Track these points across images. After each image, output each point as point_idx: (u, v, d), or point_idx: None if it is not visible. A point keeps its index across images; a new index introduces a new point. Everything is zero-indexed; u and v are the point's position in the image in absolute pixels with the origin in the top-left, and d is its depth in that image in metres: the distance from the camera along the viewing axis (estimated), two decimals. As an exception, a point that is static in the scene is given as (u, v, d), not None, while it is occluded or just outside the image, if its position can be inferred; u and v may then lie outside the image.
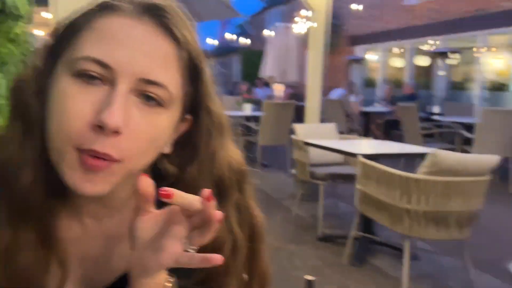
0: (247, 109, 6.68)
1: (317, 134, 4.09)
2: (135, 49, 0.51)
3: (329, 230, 3.66)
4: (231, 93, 11.13)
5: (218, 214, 0.49)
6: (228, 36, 17.63)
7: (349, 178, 3.48)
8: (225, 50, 18.90)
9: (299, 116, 5.97)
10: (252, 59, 15.66)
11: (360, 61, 11.69)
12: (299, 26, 9.75)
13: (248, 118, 6.69)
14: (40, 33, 2.99)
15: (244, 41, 16.58)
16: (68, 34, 0.54)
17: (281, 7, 16.42)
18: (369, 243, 3.33)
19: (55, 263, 0.56)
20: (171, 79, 0.54)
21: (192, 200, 0.50)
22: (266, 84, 11.36)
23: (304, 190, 4.27)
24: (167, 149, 0.59)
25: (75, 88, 0.50)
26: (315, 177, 3.68)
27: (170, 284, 0.53)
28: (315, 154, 3.88)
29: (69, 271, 0.58)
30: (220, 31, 17.33)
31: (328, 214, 4.02)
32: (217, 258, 0.49)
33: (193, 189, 0.51)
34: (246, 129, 6.46)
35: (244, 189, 0.65)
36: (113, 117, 0.48)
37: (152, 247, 0.50)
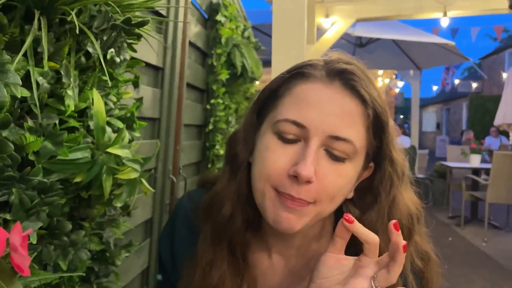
0: (475, 161, 5.97)
1: None
2: (325, 110, 0.59)
3: None
4: (458, 142, 10.18)
5: (402, 242, 0.53)
6: (454, 81, 16.38)
7: None
8: (450, 96, 17.52)
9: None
10: (483, 105, 14.05)
11: None
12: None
13: (475, 171, 5.96)
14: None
15: (473, 85, 15.09)
16: (272, 99, 0.65)
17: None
18: None
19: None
20: (356, 134, 0.59)
21: (369, 233, 0.55)
22: (502, 133, 9.95)
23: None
24: (350, 195, 0.65)
25: (276, 144, 0.61)
26: None
27: None
28: None
29: None
30: (443, 76, 16.35)
31: None
32: None
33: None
34: (472, 183, 5.77)
35: (420, 234, 0.68)
36: (306, 170, 0.56)
37: (337, 282, 0.56)
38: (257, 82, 2.31)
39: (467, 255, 4.41)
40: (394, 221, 0.54)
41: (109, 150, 0.80)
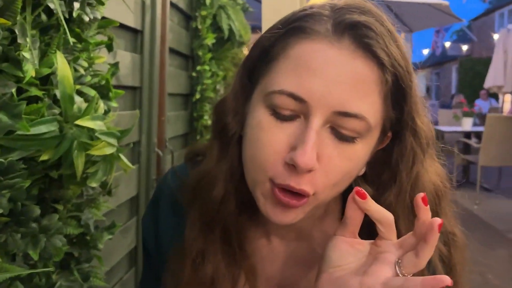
0: (467, 124, 5.94)
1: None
2: (331, 78, 0.47)
3: None
4: (448, 105, 10.18)
5: (437, 220, 0.44)
6: (444, 43, 16.26)
7: None
8: (440, 60, 17.42)
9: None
10: (473, 68, 14.03)
11: None
12: (538, 25, 8.21)
13: (467, 134, 5.95)
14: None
15: (463, 48, 15.01)
16: (264, 60, 0.53)
17: (511, 7, 14.24)
18: None
19: (242, 278, 0.57)
20: (370, 107, 0.48)
21: (382, 211, 0.46)
22: (492, 96, 9.96)
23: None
24: (362, 171, 0.55)
25: (271, 122, 0.49)
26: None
27: None
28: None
29: None
30: (433, 39, 16.12)
31: None
32: (446, 279, 0.43)
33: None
34: (464, 146, 5.76)
35: (446, 214, 0.59)
36: (305, 158, 0.46)
37: (354, 271, 0.47)
38: (245, 50, 2.18)
39: (460, 218, 4.43)
40: (422, 194, 0.45)
41: (79, 122, 0.69)
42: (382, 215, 0.46)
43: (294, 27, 0.50)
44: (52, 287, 0.75)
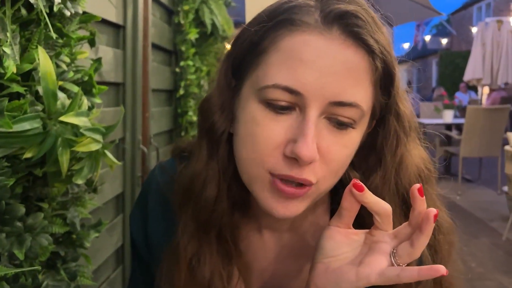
0: (448, 116, 6.04)
1: (539, 145, 3.39)
2: (324, 69, 0.47)
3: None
4: (429, 98, 10.33)
5: (432, 210, 0.45)
6: (424, 37, 16.48)
7: None
8: (421, 53, 17.66)
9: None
10: (453, 61, 14.25)
11: None
12: (515, 19, 8.36)
13: (448, 126, 6.05)
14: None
15: (443, 41, 15.23)
16: (252, 54, 0.52)
17: (489, 0, 14.49)
18: None
19: (236, 274, 0.57)
20: (364, 95, 0.49)
21: (380, 202, 0.47)
22: (471, 88, 10.14)
23: (519, 211, 3.59)
24: None
25: (266, 116, 0.49)
26: (537, 197, 3.05)
27: None
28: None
29: (251, 285, 0.58)
30: (415, 33, 16.35)
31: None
32: (442, 269, 0.44)
33: None
34: (446, 138, 5.86)
35: (431, 197, 0.59)
36: (308, 150, 0.46)
37: (349, 261, 0.48)
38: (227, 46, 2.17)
39: (442, 209, 4.51)
40: (418, 185, 0.45)
41: (62, 118, 0.68)
42: (380, 206, 0.47)
43: (282, 19, 0.50)
44: (38, 287, 0.73)
